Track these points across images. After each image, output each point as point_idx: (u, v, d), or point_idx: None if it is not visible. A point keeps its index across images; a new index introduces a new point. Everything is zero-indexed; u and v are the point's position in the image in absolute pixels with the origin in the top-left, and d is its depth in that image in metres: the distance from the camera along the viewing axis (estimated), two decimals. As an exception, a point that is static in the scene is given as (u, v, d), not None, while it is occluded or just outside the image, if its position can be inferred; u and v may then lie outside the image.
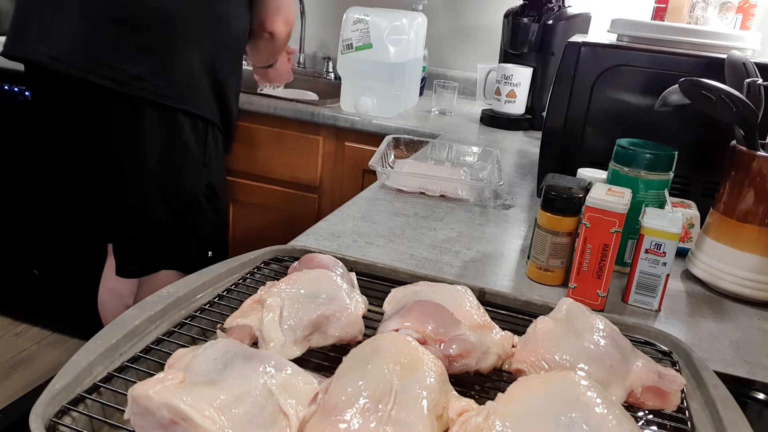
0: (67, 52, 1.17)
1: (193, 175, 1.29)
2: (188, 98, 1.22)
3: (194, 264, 1.32)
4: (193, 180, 1.29)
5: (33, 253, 2.07)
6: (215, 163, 1.33)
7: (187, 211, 1.31)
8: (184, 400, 0.40)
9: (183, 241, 1.33)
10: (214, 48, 1.24)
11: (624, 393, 0.53)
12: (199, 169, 1.29)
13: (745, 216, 0.81)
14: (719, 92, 0.79)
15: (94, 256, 2.03)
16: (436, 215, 1.03)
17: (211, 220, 1.36)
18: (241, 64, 1.37)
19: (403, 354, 0.47)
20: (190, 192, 1.30)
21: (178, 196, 1.29)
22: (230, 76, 1.31)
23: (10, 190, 2.01)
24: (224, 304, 0.61)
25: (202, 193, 1.31)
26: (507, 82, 1.73)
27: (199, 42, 1.21)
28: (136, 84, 1.17)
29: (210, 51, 1.23)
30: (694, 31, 1.06)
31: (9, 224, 2.06)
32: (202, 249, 1.37)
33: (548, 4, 1.71)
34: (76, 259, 2.02)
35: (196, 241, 1.35)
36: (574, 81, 1.04)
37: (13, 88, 1.86)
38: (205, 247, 1.38)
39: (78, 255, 2.01)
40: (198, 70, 1.22)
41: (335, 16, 2.25)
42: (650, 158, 0.81)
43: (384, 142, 1.27)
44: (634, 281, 0.77)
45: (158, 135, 1.22)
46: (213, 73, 1.25)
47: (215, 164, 1.33)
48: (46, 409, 0.43)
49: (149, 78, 1.17)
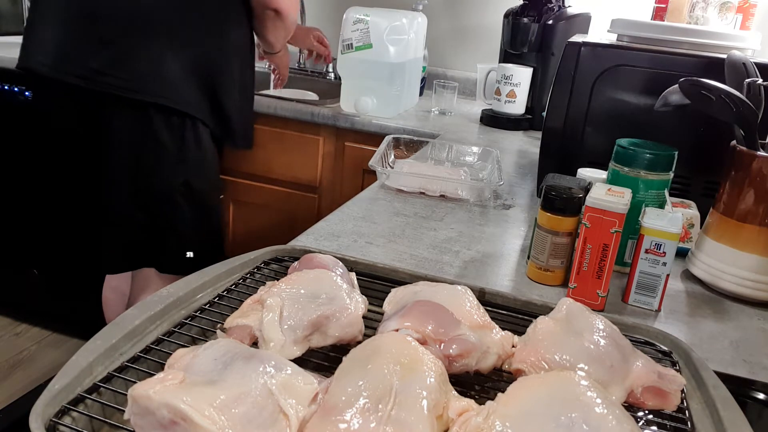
0: (53, 57, 1.20)
1: (167, 171, 1.25)
2: (158, 91, 1.18)
3: (174, 264, 1.31)
4: (168, 176, 1.25)
5: (33, 253, 2.07)
6: (194, 159, 1.28)
7: (161, 209, 1.27)
8: (184, 400, 0.40)
9: (160, 240, 1.29)
10: (206, 49, 1.23)
11: (624, 393, 0.53)
12: (173, 165, 1.25)
13: (745, 216, 0.81)
14: (719, 92, 0.79)
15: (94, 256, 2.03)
16: (436, 215, 1.03)
17: (190, 219, 1.31)
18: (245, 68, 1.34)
19: (403, 354, 0.47)
20: (163, 189, 1.26)
21: (151, 193, 1.25)
22: (228, 77, 1.29)
23: (10, 190, 2.01)
24: (224, 304, 0.61)
25: (178, 191, 1.27)
26: (507, 82, 1.74)
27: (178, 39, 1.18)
28: (99, 79, 1.16)
29: (199, 51, 1.22)
30: (694, 31, 1.06)
31: (9, 224, 2.06)
32: (180, 249, 1.32)
33: (548, 4, 1.71)
34: (76, 259, 2.02)
35: (173, 240, 1.31)
36: (574, 81, 1.04)
37: (13, 88, 1.86)
38: (184, 247, 1.32)
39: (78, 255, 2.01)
40: (175, 65, 1.18)
41: (335, 16, 2.25)
42: (650, 158, 0.81)
43: (384, 142, 1.27)
44: (634, 281, 0.77)
45: (127, 130, 1.20)
46: (203, 73, 1.23)
47: (194, 160, 1.28)
48: (46, 409, 0.43)
49: (110, 71, 1.16)
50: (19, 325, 2.18)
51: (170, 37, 1.19)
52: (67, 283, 2.05)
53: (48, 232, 2.02)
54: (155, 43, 1.18)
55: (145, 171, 1.24)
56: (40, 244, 2.04)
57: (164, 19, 1.18)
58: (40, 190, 1.97)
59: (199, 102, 1.25)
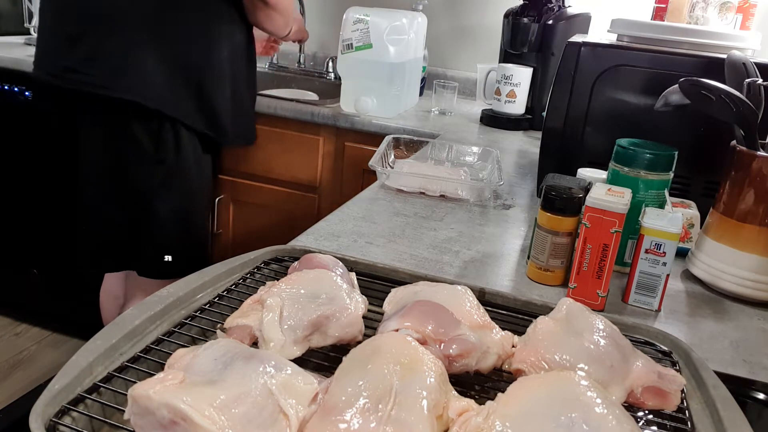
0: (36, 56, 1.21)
1: (144, 171, 1.22)
2: (131, 88, 1.15)
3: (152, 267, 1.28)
4: (144, 177, 1.22)
5: (33, 253, 2.07)
6: (173, 161, 1.24)
7: (137, 210, 1.24)
8: (184, 400, 0.40)
9: (136, 241, 1.26)
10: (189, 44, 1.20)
11: (624, 393, 0.53)
12: (151, 165, 1.22)
13: (745, 216, 0.81)
14: (719, 92, 0.79)
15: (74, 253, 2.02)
16: (436, 215, 1.03)
17: (167, 222, 1.27)
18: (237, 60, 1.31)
19: (403, 354, 0.47)
20: (140, 189, 1.23)
21: (127, 193, 1.23)
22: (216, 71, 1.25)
23: (11, 190, 2.01)
24: (224, 304, 0.61)
25: (156, 193, 1.23)
26: (507, 82, 1.73)
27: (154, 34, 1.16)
28: (71, 76, 1.15)
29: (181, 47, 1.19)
30: (694, 31, 1.06)
31: (9, 225, 2.06)
32: (157, 252, 1.28)
33: (548, 4, 1.71)
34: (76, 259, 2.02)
35: (150, 243, 1.27)
36: (574, 81, 1.04)
37: (13, 88, 1.86)
38: (161, 251, 1.28)
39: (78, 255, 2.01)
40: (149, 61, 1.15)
41: (335, 16, 2.26)
42: (650, 158, 0.81)
43: (384, 142, 1.27)
44: (634, 281, 0.77)
45: (101, 128, 1.19)
46: (186, 68, 1.20)
47: (173, 162, 1.24)
48: (46, 409, 0.43)
49: (81, 68, 1.14)
50: (19, 325, 2.18)
51: (145, 33, 1.15)
52: (67, 283, 2.05)
53: (48, 232, 2.02)
54: (127, 38, 1.14)
55: (122, 170, 1.21)
56: (40, 244, 2.04)
57: (138, 13, 1.15)
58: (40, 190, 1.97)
59: (180, 100, 1.21)
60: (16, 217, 2.04)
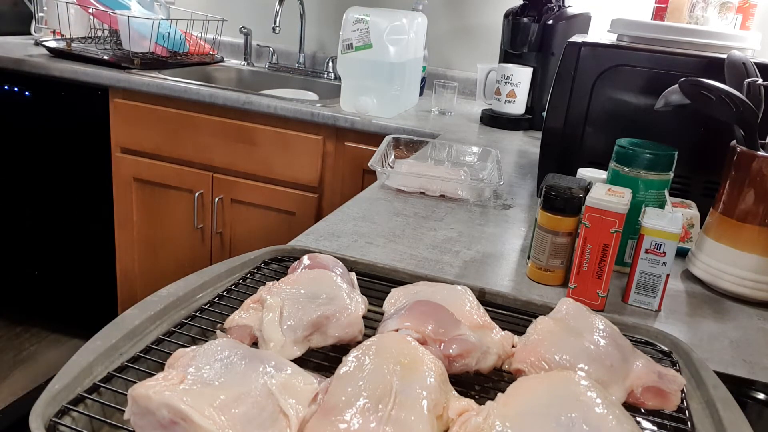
0: None
1: None
2: None
3: None
4: None
5: (33, 254, 2.07)
6: None
7: None
8: (184, 400, 0.40)
9: None
10: None
11: (624, 393, 0.53)
12: None
13: (745, 216, 0.81)
14: (719, 92, 0.79)
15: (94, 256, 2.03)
16: (436, 215, 1.03)
17: None
18: None
19: (403, 354, 0.47)
20: None
21: None
22: None
23: (11, 190, 2.01)
24: (224, 304, 0.61)
25: None
26: (507, 82, 1.74)
27: None
28: None
29: None
30: (694, 31, 1.06)
31: (9, 225, 2.06)
32: None
33: (548, 4, 1.71)
34: (76, 259, 2.02)
35: None
36: (574, 81, 1.04)
37: (13, 88, 1.86)
38: None
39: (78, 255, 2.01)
40: None
41: (335, 16, 2.26)
42: (650, 158, 0.81)
43: (384, 142, 1.27)
44: (634, 281, 0.77)
45: None
46: None
47: None
48: (46, 409, 0.43)
49: None
50: (19, 325, 2.18)
51: None
52: (67, 283, 2.05)
53: (48, 232, 2.02)
54: None
55: None
56: (41, 245, 2.05)
57: None
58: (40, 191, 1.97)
59: None
60: (17, 218, 2.04)
